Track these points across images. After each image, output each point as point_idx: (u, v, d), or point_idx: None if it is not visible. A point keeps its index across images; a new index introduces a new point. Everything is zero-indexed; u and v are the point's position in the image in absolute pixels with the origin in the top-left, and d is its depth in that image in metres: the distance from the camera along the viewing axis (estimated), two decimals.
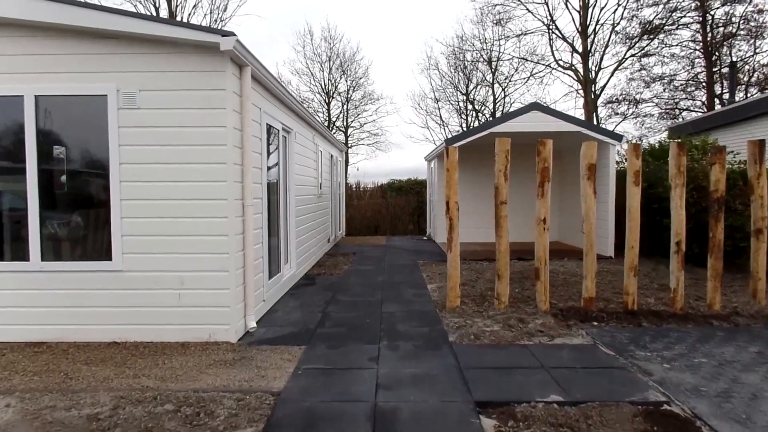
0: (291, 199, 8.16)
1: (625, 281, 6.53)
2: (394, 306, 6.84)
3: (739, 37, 24.70)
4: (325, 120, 29.45)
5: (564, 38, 20.60)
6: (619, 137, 11.13)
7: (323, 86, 30.52)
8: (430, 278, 8.94)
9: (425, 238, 16.27)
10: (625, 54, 21.63)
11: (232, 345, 5.11)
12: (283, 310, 6.58)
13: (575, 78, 21.90)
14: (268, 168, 6.84)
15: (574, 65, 21.83)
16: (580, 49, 20.59)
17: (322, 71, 30.35)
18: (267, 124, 6.56)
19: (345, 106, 30.89)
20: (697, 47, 25.28)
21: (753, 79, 26.15)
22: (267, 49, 34.97)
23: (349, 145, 30.17)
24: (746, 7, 24.22)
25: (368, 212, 19.33)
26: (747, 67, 27.01)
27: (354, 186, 21.63)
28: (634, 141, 6.16)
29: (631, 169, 6.48)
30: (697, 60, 26.40)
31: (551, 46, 21.97)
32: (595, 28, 20.24)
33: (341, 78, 30.59)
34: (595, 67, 21.12)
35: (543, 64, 21.97)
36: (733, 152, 9.82)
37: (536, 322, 5.90)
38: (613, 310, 6.46)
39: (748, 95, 27.55)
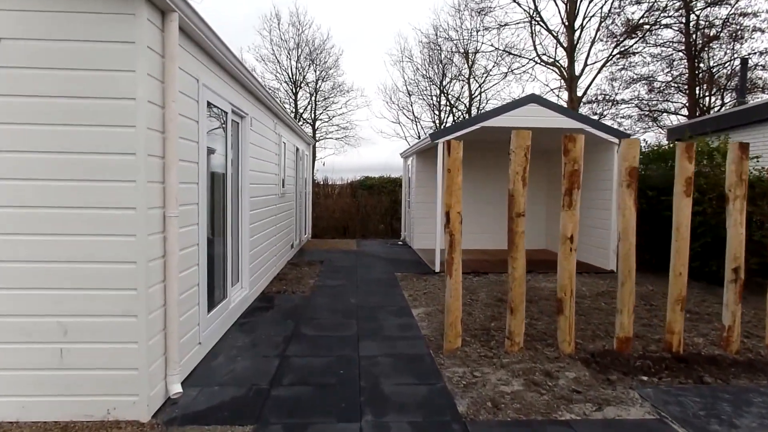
0: (244, 201, 6.47)
1: (669, 317, 5.14)
2: (375, 345, 5.26)
3: (721, 40, 24.09)
4: (292, 111, 27.58)
5: (549, 30, 19.36)
6: (624, 135, 9.82)
7: (290, 75, 28.66)
8: (413, 299, 7.39)
9: (400, 242, 14.75)
10: (612, 51, 20.60)
11: (141, 426, 3.43)
12: (227, 355, 4.90)
13: (559, 74, 20.73)
14: (210, 162, 5.15)
15: (558, 60, 20.66)
16: (566, 44, 19.40)
17: (290, 59, 28.48)
18: (209, 102, 4.86)
19: (313, 97, 29.12)
20: (681, 49, 24.55)
21: (731, 84, 25.62)
22: (231, 34, 32.70)
23: (317, 138, 28.41)
24: (730, 10, 23.63)
25: (336, 212, 17.68)
26: (725, 71, 26.57)
27: (321, 183, 19.93)
28: (687, 140, 4.99)
29: (681, 175, 5.07)
30: (678, 62, 25.73)
31: (533, 40, 20.73)
32: (582, 23, 19.09)
33: (310, 67, 28.80)
34: (581, 63, 19.99)
35: (526, 58, 20.73)
36: (757, 157, 8.62)
37: (567, 376, 4.42)
38: (654, 353, 5.06)
39: (725, 99, 27.13)
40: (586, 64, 19.89)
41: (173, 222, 3.72)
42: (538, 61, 21.03)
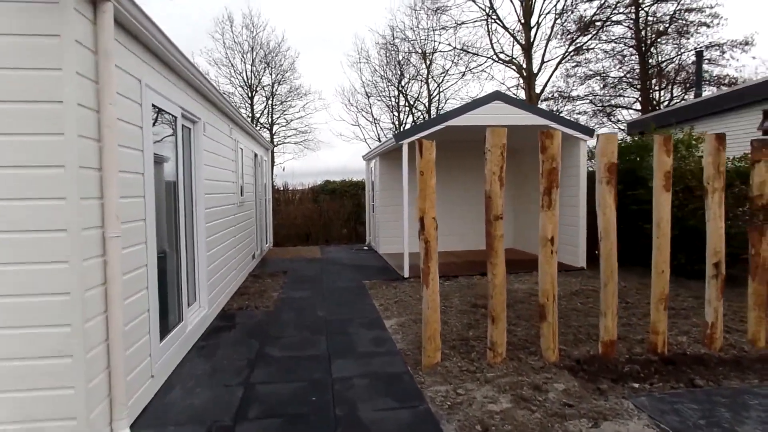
0: (199, 213, 5.97)
1: (653, 316, 4.96)
2: (349, 365, 4.86)
3: (669, 36, 24.80)
4: (249, 116, 26.83)
5: (506, 28, 19.40)
6: (590, 131, 9.77)
7: (245, 79, 27.89)
8: (385, 309, 7.03)
9: (365, 247, 14.37)
10: (568, 48, 20.84)
11: None
12: (185, 386, 4.41)
13: (517, 72, 20.82)
14: (159, 172, 4.66)
15: (515, 58, 20.75)
16: (523, 41, 19.48)
17: (244, 62, 27.73)
18: (154, 105, 4.36)
19: (270, 101, 28.44)
20: (632, 45, 25.14)
21: (680, 78, 26.44)
22: (182, 36, 31.61)
23: (275, 143, 27.76)
24: (676, 6, 24.35)
25: (298, 219, 17.15)
26: (672, 65, 27.40)
27: (282, 189, 19.35)
28: (664, 133, 4.81)
29: (660, 168, 4.90)
30: (629, 58, 26.36)
31: (490, 39, 20.75)
32: (538, 20, 19.22)
33: (265, 71, 28.13)
34: (539, 60, 20.13)
35: (484, 56, 20.71)
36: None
37: (556, 389, 4.15)
38: (640, 356, 4.86)
39: (673, 94, 27.98)
40: (543, 62, 20.06)
41: (114, 243, 3.23)
42: (496, 59, 21.07)
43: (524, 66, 20.01)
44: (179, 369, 4.79)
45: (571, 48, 20.90)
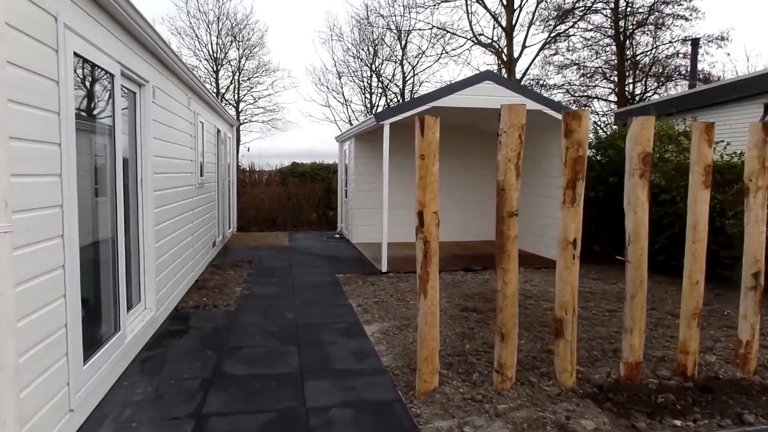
0: (147, 196, 4.94)
1: (684, 334, 4.26)
2: (326, 388, 3.99)
3: (648, 26, 24.47)
4: (213, 91, 25.29)
5: (487, 9, 18.56)
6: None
7: (211, 52, 26.29)
8: (364, 311, 6.17)
9: (337, 235, 13.45)
10: (550, 33, 20.19)
11: None
12: (118, 419, 3.44)
13: (496, 56, 20.06)
14: (88, 144, 3.64)
15: (496, 42, 19.97)
16: (505, 24, 18.70)
17: (209, 34, 26.08)
18: (79, 55, 3.32)
19: (236, 77, 26.93)
20: (610, 35, 24.72)
21: (655, 70, 26.24)
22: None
23: (241, 121, 26.34)
24: None
25: (265, 202, 16.06)
26: (647, 59, 27.20)
27: (248, 170, 18.16)
28: (704, 122, 4.13)
29: (699, 162, 4.16)
30: (605, 48, 25.97)
31: (470, 20, 19.91)
32: (521, 3, 18.45)
33: (232, 44, 26.56)
34: (519, 46, 19.43)
35: (463, 37, 19.85)
36: (724, 141, 8.07)
37: (585, 427, 3.38)
38: (668, 380, 4.16)
39: (647, 87, 27.85)
40: (524, 46, 19.35)
41: (3, 241, 2.25)
42: (475, 41, 20.26)
43: (505, 50, 19.27)
44: (113, 393, 3.82)
45: (553, 34, 20.25)
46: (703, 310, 6.22)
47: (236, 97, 26.87)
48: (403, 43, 24.45)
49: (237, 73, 26.82)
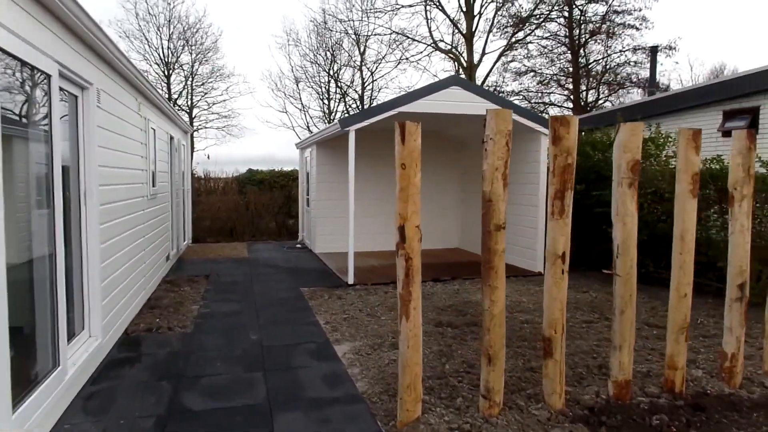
0: (91, 211, 4.43)
1: (671, 349, 4.11)
2: (299, 421, 3.60)
3: (601, 35, 25.13)
4: (165, 96, 24.31)
5: (447, 15, 18.52)
6: None
7: (162, 56, 25.32)
8: (333, 329, 5.79)
9: (298, 245, 12.98)
10: (510, 40, 20.36)
11: None
12: None
13: (456, 62, 20.05)
14: (24, 152, 3.15)
15: (455, 47, 19.97)
16: (465, 30, 18.71)
17: (160, 37, 25.14)
18: (5, 51, 2.84)
19: (189, 82, 26.04)
20: (565, 42, 25.25)
21: (610, 79, 26.98)
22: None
23: (195, 127, 25.45)
24: (606, 8, 24.66)
25: (222, 211, 15.41)
26: (599, 67, 27.97)
27: (203, 177, 17.43)
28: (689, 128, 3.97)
29: (687, 170, 4.02)
30: (561, 56, 26.53)
31: (429, 27, 19.85)
32: (480, 10, 18.52)
33: (184, 48, 25.70)
34: (479, 52, 19.49)
35: (423, 43, 19.75)
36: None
37: None
38: (657, 397, 3.98)
39: (600, 94, 28.62)
40: (484, 53, 19.43)
41: None
42: (435, 47, 20.20)
43: (465, 56, 19.28)
44: None
45: (513, 40, 20.46)
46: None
47: (189, 102, 25.98)
48: (362, 48, 24.22)
49: (190, 78, 25.94)
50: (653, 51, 14.28)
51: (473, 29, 18.37)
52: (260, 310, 6.61)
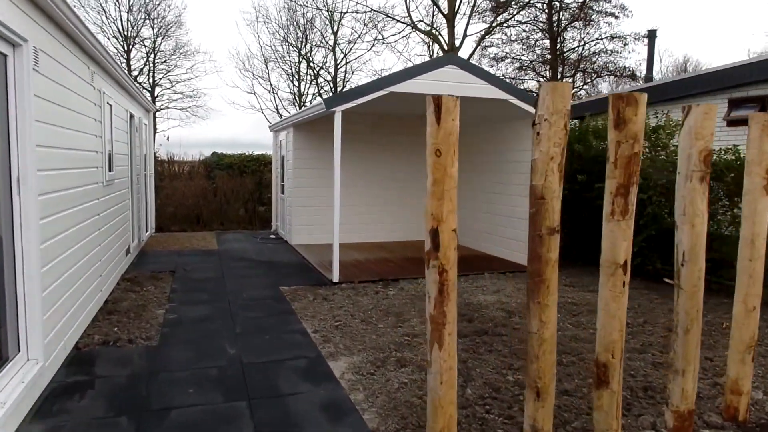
0: (27, 202, 3.51)
1: (735, 370, 3.51)
2: None
3: (580, 21, 24.73)
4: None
5: None
6: None
7: (121, 29, 23.66)
8: (324, 339, 5.01)
9: (272, 236, 12.07)
10: (491, 24, 19.68)
11: None
12: None
13: (437, 43, 19.23)
14: None
15: (436, 28, 19.17)
16: (446, 10, 17.91)
17: (119, 8, 23.51)
18: None
19: (151, 58, 24.47)
20: (544, 28, 24.74)
21: (588, 67, 26.68)
22: None
23: (158, 107, 23.98)
24: None
25: (188, 197, 14.31)
26: (574, 55, 27.63)
27: (166, 160, 16.22)
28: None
29: (761, 162, 3.39)
30: (539, 42, 26.06)
31: (407, 6, 18.96)
32: None
33: (145, 21, 24.09)
34: (460, 35, 18.75)
35: (403, 23, 18.86)
36: None
37: None
38: (721, 428, 3.38)
39: (575, 82, 28.34)
40: (465, 36, 18.69)
41: None
42: (414, 27, 19.35)
43: (446, 38, 18.51)
44: None
45: (495, 24, 19.78)
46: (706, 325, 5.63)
47: (151, 80, 24.44)
48: (335, 27, 23.13)
49: (152, 55, 24.37)
50: (651, 35, 13.81)
51: (455, 9, 17.58)
52: (236, 315, 5.77)
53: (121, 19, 23.39)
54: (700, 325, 3.26)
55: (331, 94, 23.79)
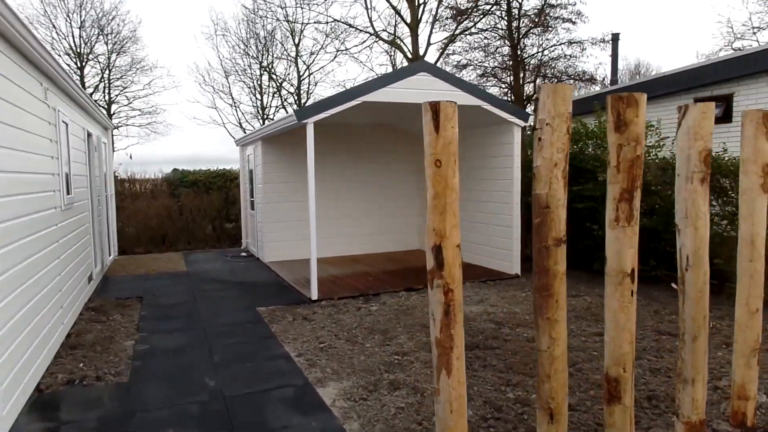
0: None
1: (741, 374, 3.42)
2: None
3: (539, 27, 25.16)
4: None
5: (390, 3, 17.58)
6: (525, 115, 8.32)
7: (73, 46, 22.83)
8: (310, 363, 4.73)
9: (243, 253, 11.67)
10: (454, 31, 19.78)
11: None
12: None
13: (397, 52, 19.18)
14: None
15: (399, 37, 19.13)
16: (409, 19, 17.88)
17: (70, 24, 22.63)
18: None
19: (106, 75, 23.68)
20: (504, 35, 25.06)
21: (548, 72, 27.16)
22: None
23: (116, 124, 23.17)
24: (543, 2, 24.67)
25: (151, 218, 13.73)
26: (534, 60, 28.11)
27: (127, 179, 15.58)
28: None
29: (756, 160, 3.33)
30: (499, 48, 26.38)
31: (369, 16, 18.89)
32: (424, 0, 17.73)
33: (99, 37, 23.31)
34: (424, 44, 18.75)
35: (366, 32, 18.74)
36: (669, 137, 7.69)
37: None
38: None
39: (536, 88, 28.79)
40: (429, 44, 18.70)
41: None
42: (377, 37, 19.27)
43: (410, 47, 18.48)
44: None
45: (457, 32, 19.90)
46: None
47: (107, 97, 23.63)
48: (297, 39, 22.87)
49: (106, 71, 23.58)
50: (614, 39, 14.04)
51: (419, 17, 17.57)
52: (213, 342, 5.42)
53: (73, 35, 22.58)
54: (707, 331, 3.16)
55: (295, 106, 23.46)
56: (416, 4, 17.02)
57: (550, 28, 26.08)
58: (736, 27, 29.09)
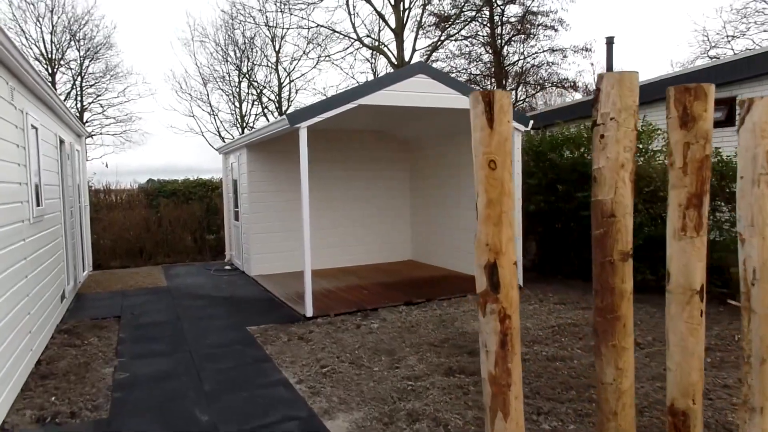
0: None
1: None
2: None
3: (522, 35, 25.18)
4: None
5: (374, 6, 17.26)
6: (526, 120, 8.00)
7: (44, 51, 22.00)
8: (313, 392, 4.26)
9: (227, 266, 11.09)
10: (440, 37, 19.55)
11: None
12: None
13: (385, 57, 18.85)
14: None
15: (383, 43, 18.82)
16: (394, 25, 17.59)
17: (41, 29, 21.82)
18: None
19: (78, 82, 22.86)
20: (487, 42, 25.01)
21: (531, 79, 27.20)
22: None
23: (89, 132, 22.32)
24: (524, 9, 24.71)
25: (128, 230, 13.05)
26: (516, 68, 28.15)
27: (101, 190, 14.86)
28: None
29: None
30: (482, 56, 26.33)
31: (353, 22, 18.53)
32: (409, 5, 17.48)
33: (71, 42, 22.53)
34: (409, 50, 18.48)
35: (350, 38, 18.38)
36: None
37: None
38: None
39: (518, 95, 28.85)
40: (414, 50, 18.44)
41: None
42: (361, 44, 18.92)
43: (395, 53, 18.18)
44: None
45: (443, 39, 19.69)
46: (710, 336, 5.29)
47: (80, 105, 22.78)
48: (278, 45, 22.39)
49: (78, 78, 22.77)
50: (609, 41, 13.90)
51: (404, 22, 17.29)
52: (202, 367, 4.90)
53: (44, 41, 21.74)
54: None
55: (276, 114, 22.93)
56: (401, 9, 16.71)
57: (532, 36, 26.17)
58: (711, 36, 29.53)
